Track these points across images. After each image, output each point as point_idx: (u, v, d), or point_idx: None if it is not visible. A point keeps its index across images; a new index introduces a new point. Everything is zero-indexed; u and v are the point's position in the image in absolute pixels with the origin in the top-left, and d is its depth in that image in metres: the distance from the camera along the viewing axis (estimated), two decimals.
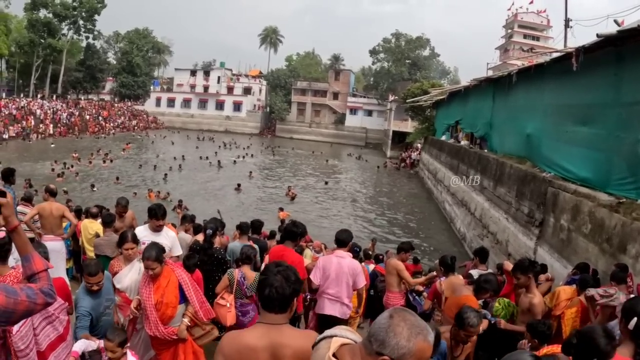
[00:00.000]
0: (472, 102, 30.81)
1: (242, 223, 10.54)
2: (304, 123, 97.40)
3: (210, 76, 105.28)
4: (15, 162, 40.70)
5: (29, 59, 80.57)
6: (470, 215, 24.15)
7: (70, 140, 62.70)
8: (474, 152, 26.60)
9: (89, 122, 75.50)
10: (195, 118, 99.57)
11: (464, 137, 34.00)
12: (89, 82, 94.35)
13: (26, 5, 79.16)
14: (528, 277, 6.74)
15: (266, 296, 3.23)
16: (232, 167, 49.49)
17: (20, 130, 60.58)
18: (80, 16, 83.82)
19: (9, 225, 2.69)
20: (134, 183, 37.44)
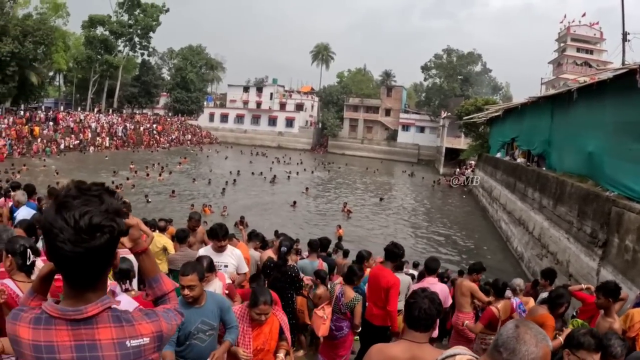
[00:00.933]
0: (529, 118, 30.22)
1: (312, 241, 10.64)
2: (356, 139, 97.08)
3: (263, 92, 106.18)
4: (74, 172, 41.92)
5: (86, 74, 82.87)
6: (529, 235, 23.57)
7: (125, 153, 63.82)
8: (532, 170, 26.05)
9: (143, 135, 76.73)
10: (248, 134, 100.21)
11: (520, 154, 33.38)
12: (144, 97, 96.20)
13: (84, 23, 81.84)
14: (609, 300, 6.54)
15: (415, 317, 3.76)
16: (286, 182, 49.63)
17: (77, 143, 61.76)
18: (135, 34, 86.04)
19: (139, 248, 2.52)
20: (189, 197, 37.85)
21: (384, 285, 7.56)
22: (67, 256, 1.91)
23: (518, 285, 9.39)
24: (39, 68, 67.96)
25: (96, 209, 1.95)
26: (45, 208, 1.91)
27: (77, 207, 1.92)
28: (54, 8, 76.85)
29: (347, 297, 7.45)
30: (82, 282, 2.04)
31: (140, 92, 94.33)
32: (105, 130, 70.26)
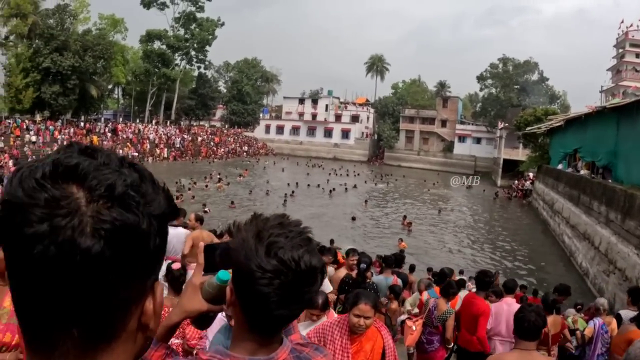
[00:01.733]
0: (593, 129, 29.10)
1: (387, 257, 10.99)
2: (412, 151, 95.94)
3: (318, 104, 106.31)
4: None
5: (144, 87, 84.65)
6: (594, 250, 22.48)
7: (182, 164, 64.59)
8: (597, 183, 24.94)
9: (201, 147, 77.43)
10: (303, 145, 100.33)
11: (583, 166, 32.24)
12: (201, 109, 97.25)
13: (142, 38, 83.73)
14: None
15: (525, 328, 4.38)
16: (343, 194, 49.12)
17: (136, 153, 62.97)
18: (192, 47, 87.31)
19: None
20: (248, 208, 37.67)
21: (474, 312, 7.81)
22: (273, 302, 1.52)
23: (602, 305, 9.19)
24: (98, 81, 70.11)
25: (309, 248, 1.61)
26: (234, 243, 1.32)
27: (292, 247, 1.55)
28: (112, 24, 79.21)
29: (440, 310, 7.77)
30: (280, 327, 1.68)
31: (197, 104, 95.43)
32: (163, 141, 71.30)
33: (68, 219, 0.77)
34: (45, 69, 60.11)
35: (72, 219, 0.77)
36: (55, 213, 0.77)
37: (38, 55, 60.70)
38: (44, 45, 61.15)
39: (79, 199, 0.80)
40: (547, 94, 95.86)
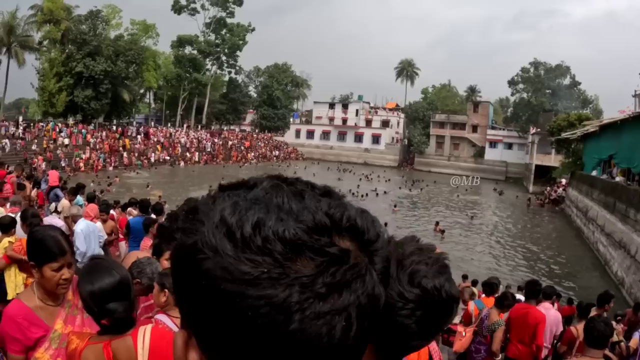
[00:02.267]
0: (628, 135, 28.11)
1: None
2: (443, 156, 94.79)
3: (349, 109, 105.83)
4: (165, 186, 42.45)
5: (175, 92, 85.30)
6: (630, 258, 21.70)
7: (213, 168, 64.51)
8: (634, 190, 24.12)
9: (231, 151, 77.53)
10: (334, 150, 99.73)
11: (618, 172, 31.39)
12: (231, 114, 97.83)
13: (173, 43, 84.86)
14: None
15: (595, 337, 4.65)
16: (374, 199, 48.49)
17: (167, 157, 63.53)
18: (223, 52, 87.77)
19: None
20: None
21: (531, 322, 7.66)
22: (412, 333, 1.37)
23: None
24: (130, 86, 71.04)
25: (448, 276, 1.49)
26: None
27: (433, 275, 1.42)
28: (144, 29, 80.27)
29: (491, 319, 7.68)
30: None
31: (227, 109, 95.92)
32: (194, 145, 71.51)
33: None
34: (78, 73, 61.16)
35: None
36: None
37: (71, 60, 61.73)
38: (77, 50, 62.20)
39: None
40: (579, 99, 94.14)
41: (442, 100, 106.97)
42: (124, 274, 2.73)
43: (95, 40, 63.36)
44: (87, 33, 64.92)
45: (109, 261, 2.82)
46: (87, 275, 2.65)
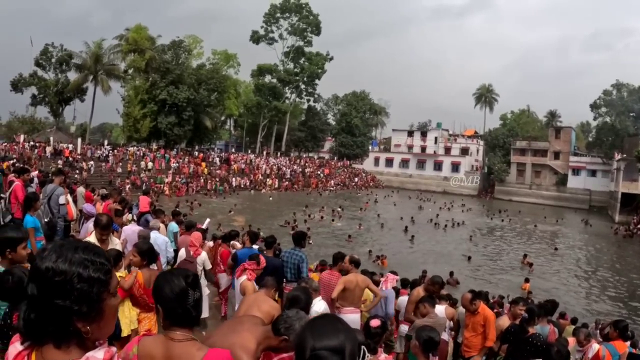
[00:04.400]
0: None
1: (542, 304, 10.54)
2: (524, 184, 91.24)
3: (427, 137, 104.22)
4: (246, 211, 42.61)
5: (256, 119, 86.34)
6: None
7: (292, 195, 64.36)
8: None
9: (311, 178, 77.23)
10: (413, 178, 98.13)
11: None
12: (310, 141, 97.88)
13: (253, 72, 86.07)
14: None
15: None
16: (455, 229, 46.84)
17: (248, 183, 63.98)
18: (302, 81, 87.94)
19: None
20: (364, 241, 36.69)
21: None
22: None
23: None
24: (212, 113, 72.78)
25: None
26: None
27: None
28: (225, 59, 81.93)
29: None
30: None
31: (306, 136, 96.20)
32: (274, 172, 71.54)
33: None
34: (161, 100, 63.26)
35: None
36: None
37: (155, 87, 63.79)
38: (161, 78, 64.30)
39: None
40: None
41: (521, 126, 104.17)
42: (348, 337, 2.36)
43: (178, 69, 65.57)
44: (170, 62, 67.52)
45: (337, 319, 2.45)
46: (312, 329, 2.34)
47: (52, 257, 1.74)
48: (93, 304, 1.77)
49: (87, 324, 1.77)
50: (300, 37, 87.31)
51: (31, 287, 1.73)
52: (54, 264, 1.72)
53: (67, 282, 1.71)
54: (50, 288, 1.71)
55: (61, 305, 1.70)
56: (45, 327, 1.74)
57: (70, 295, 1.71)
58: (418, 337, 5.33)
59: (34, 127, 71.43)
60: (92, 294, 1.76)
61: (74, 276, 1.73)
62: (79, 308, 1.73)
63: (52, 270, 1.71)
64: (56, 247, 1.80)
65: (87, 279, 1.75)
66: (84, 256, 1.79)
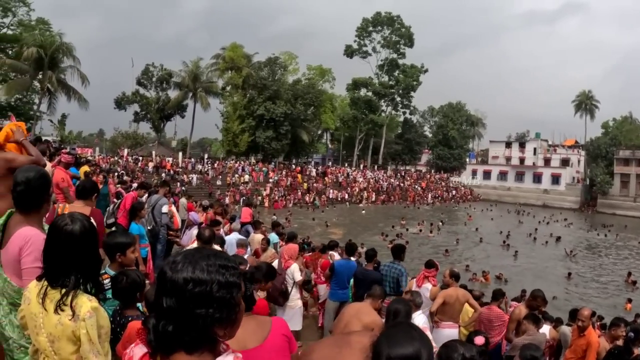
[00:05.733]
0: None
1: None
2: (628, 197, 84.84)
3: (526, 148, 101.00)
4: (343, 225, 42.23)
5: (352, 132, 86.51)
6: None
7: (389, 208, 63.83)
8: None
9: (408, 191, 76.51)
10: (511, 191, 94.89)
11: None
12: (407, 154, 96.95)
13: (348, 86, 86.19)
14: None
15: None
16: (555, 244, 44.59)
17: (344, 196, 64.01)
18: (397, 93, 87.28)
19: None
20: (463, 256, 35.98)
21: None
22: None
23: None
24: (309, 127, 73.94)
25: None
26: None
27: None
28: (320, 73, 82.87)
29: None
30: None
31: (403, 149, 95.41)
32: (371, 185, 71.28)
33: None
34: (259, 116, 65.06)
35: None
36: None
37: (252, 103, 65.73)
38: (258, 94, 66.14)
39: None
40: None
41: (624, 134, 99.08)
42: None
43: (275, 85, 67.04)
44: (266, 78, 69.05)
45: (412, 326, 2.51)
46: (387, 337, 2.38)
47: (188, 267, 1.76)
48: (232, 309, 1.82)
49: (225, 328, 1.82)
50: (393, 49, 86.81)
51: (167, 300, 1.73)
52: (193, 274, 1.74)
53: (208, 291, 1.73)
54: (191, 299, 1.72)
55: (203, 314, 1.73)
56: (182, 338, 1.76)
57: (212, 303, 1.74)
58: (522, 357, 5.06)
59: (137, 141, 74.79)
60: (231, 299, 1.80)
61: (214, 284, 1.75)
62: (220, 315, 1.76)
63: (192, 281, 1.73)
64: (188, 257, 1.81)
65: (225, 285, 1.78)
66: (218, 263, 1.81)
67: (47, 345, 2.91)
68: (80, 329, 2.85)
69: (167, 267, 1.79)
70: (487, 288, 22.36)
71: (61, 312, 2.86)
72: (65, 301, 2.85)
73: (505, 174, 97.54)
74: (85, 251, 2.95)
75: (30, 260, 3.31)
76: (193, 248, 2.00)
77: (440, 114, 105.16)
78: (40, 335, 2.92)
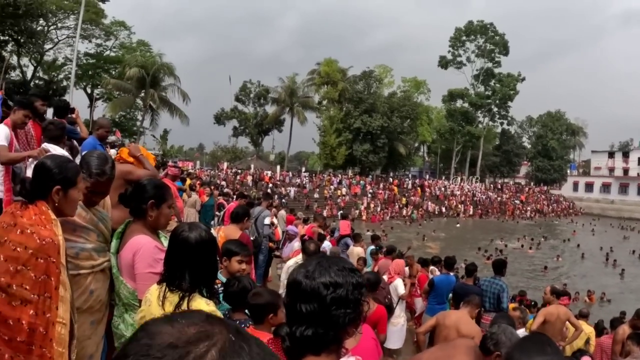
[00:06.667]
0: None
1: None
2: None
3: (630, 157, 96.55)
4: (439, 239, 43.18)
5: (449, 145, 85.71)
6: None
7: (488, 222, 62.63)
8: None
9: (506, 205, 74.94)
10: (614, 204, 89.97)
11: None
12: (505, 166, 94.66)
13: (444, 97, 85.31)
14: None
15: None
16: None
17: (441, 210, 63.87)
18: (494, 104, 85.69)
19: None
20: (563, 273, 34.48)
21: None
22: None
23: None
24: (405, 140, 74.39)
25: None
26: None
27: None
28: (415, 86, 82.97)
29: None
30: None
31: (501, 161, 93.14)
32: (469, 198, 70.36)
33: None
34: (356, 129, 66.10)
35: None
36: None
37: (349, 117, 66.81)
38: (354, 108, 67.29)
39: None
40: None
41: None
42: None
43: (371, 98, 67.93)
44: (362, 92, 70.16)
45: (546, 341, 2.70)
46: (521, 349, 2.59)
47: (324, 274, 1.92)
48: (361, 309, 1.98)
49: (356, 327, 1.97)
50: (488, 58, 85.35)
51: (307, 306, 1.88)
52: (330, 279, 1.90)
53: (345, 292, 1.89)
54: (331, 301, 1.87)
55: (342, 314, 1.88)
56: (318, 340, 1.89)
57: (349, 304, 1.89)
58: None
59: (236, 155, 76.66)
60: (361, 299, 1.96)
61: (349, 286, 1.91)
62: (354, 314, 1.92)
63: (331, 285, 1.89)
64: (322, 264, 1.98)
65: (357, 286, 1.94)
66: (347, 267, 1.98)
67: None
68: None
69: (301, 277, 1.93)
70: (591, 309, 21.19)
71: None
72: (182, 304, 3.03)
73: (609, 185, 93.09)
74: (200, 258, 3.11)
75: (142, 266, 3.56)
76: (319, 257, 2.13)
77: (539, 123, 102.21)
78: None
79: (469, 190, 73.89)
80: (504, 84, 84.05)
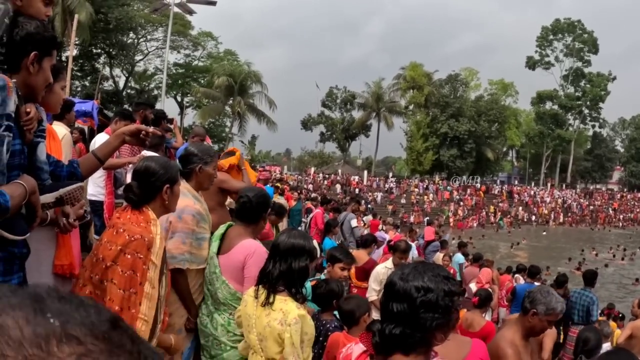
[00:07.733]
0: None
1: None
2: None
3: None
4: (528, 247, 42.47)
5: (538, 149, 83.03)
6: None
7: (579, 231, 60.24)
8: None
9: (598, 213, 72.35)
10: None
11: None
12: (597, 172, 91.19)
13: (532, 100, 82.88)
14: None
15: None
16: None
17: (531, 217, 62.59)
18: (584, 106, 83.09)
19: None
20: None
21: None
22: None
23: None
24: (493, 144, 73.37)
25: None
26: None
27: None
28: (503, 88, 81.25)
29: None
30: None
31: (593, 166, 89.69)
32: (559, 205, 68.54)
33: None
34: (443, 134, 65.74)
35: None
36: None
37: (435, 121, 66.33)
38: (440, 112, 66.70)
39: None
40: None
41: None
42: None
43: (457, 102, 67.68)
44: (448, 96, 69.75)
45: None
46: None
47: (418, 277, 2.00)
48: (451, 316, 2.03)
49: (444, 333, 2.01)
50: (577, 57, 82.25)
51: (398, 306, 1.98)
52: (423, 283, 1.97)
53: (435, 298, 1.95)
54: (421, 304, 1.94)
55: (429, 318, 1.94)
56: (406, 340, 1.98)
57: (438, 309, 1.95)
58: None
59: (323, 160, 77.23)
60: (452, 306, 2.01)
61: (441, 292, 1.96)
62: (443, 320, 1.97)
63: (423, 289, 1.96)
64: (417, 268, 2.07)
65: (448, 293, 1.99)
66: (442, 274, 2.05)
67: (256, 343, 3.41)
68: (285, 333, 3.27)
69: (396, 278, 2.04)
70: None
71: (270, 315, 3.34)
72: (270, 300, 3.33)
73: None
74: (289, 261, 3.35)
75: (255, 270, 3.68)
76: (417, 262, 2.31)
77: (632, 125, 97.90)
78: (252, 334, 3.44)
79: (559, 197, 71.93)
80: (594, 84, 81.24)
